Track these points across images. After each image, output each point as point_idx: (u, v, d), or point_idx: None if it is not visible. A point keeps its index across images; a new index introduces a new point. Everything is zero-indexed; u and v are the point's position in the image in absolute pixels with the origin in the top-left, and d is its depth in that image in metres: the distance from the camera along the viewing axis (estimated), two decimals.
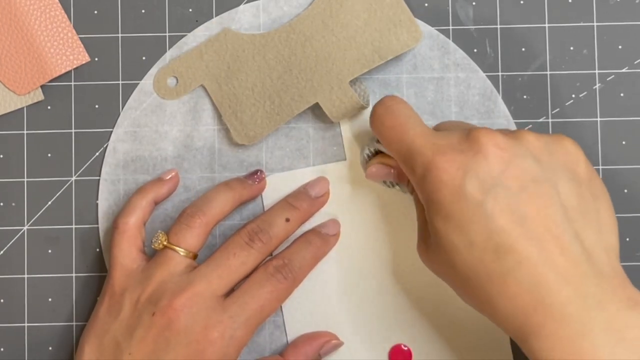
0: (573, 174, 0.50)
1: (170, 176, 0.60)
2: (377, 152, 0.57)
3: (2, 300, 0.61)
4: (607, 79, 0.61)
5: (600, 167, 0.61)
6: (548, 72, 0.61)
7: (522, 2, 0.61)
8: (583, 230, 0.49)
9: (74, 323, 0.61)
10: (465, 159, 0.49)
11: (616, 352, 0.46)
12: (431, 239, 0.51)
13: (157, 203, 0.60)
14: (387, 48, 0.59)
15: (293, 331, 0.60)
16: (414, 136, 0.52)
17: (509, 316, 0.48)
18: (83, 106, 0.62)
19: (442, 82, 0.61)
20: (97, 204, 0.62)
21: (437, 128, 0.55)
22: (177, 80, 0.61)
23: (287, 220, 0.58)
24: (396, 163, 0.55)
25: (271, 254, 0.59)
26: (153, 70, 0.61)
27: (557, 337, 0.46)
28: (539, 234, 0.48)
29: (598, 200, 0.51)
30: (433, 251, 0.51)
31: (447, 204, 0.49)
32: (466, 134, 0.50)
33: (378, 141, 0.56)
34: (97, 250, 0.61)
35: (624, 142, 0.61)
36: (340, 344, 0.60)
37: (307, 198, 0.60)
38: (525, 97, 0.61)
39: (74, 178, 0.62)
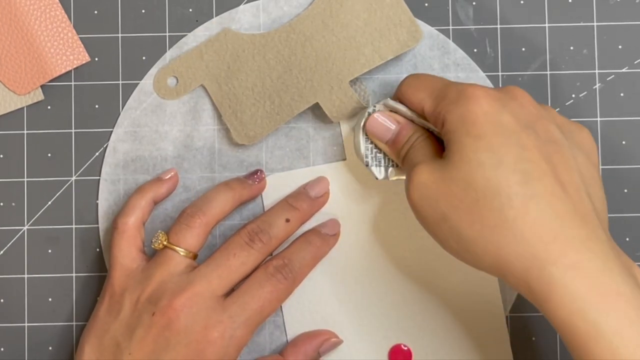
0: (587, 155, 0.52)
1: (169, 176, 0.60)
2: None
3: (2, 300, 0.61)
4: (607, 79, 0.61)
5: (600, 167, 0.61)
6: (548, 72, 0.61)
7: (522, 2, 0.61)
8: (593, 195, 0.50)
9: (74, 323, 0.61)
10: (502, 97, 0.51)
11: (636, 291, 0.46)
12: (444, 162, 0.50)
13: (156, 203, 0.60)
14: (387, 48, 0.59)
15: (293, 331, 0.60)
16: (446, 79, 0.54)
17: (523, 243, 0.47)
18: (83, 106, 0.62)
19: None
20: (97, 204, 0.62)
21: None
22: (177, 80, 0.61)
23: (287, 220, 0.58)
24: (403, 120, 0.56)
25: (271, 254, 0.59)
26: (153, 70, 0.61)
27: (580, 268, 0.46)
28: (563, 179, 0.49)
29: (602, 185, 0.52)
30: (442, 172, 0.50)
31: (481, 124, 0.49)
32: (503, 87, 0.52)
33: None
34: (97, 250, 0.61)
35: (624, 142, 0.61)
36: (339, 342, 0.60)
37: (307, 199, 0.60)
38: None
39: (74, 178, 0.62)
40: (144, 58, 0.62)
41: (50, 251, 0.61)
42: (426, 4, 0.62)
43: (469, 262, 0.50)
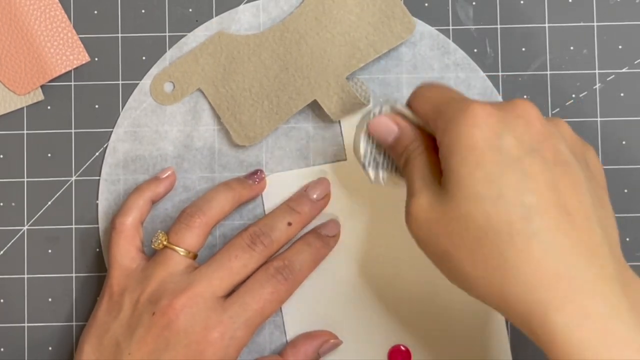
0: (596, 178, 0.49)
1: (166, 175, 0.60)
2: None
3: (2, 300, 0.61)
4: (607, 79, 0.61)
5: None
6: (548, 72, 0.61)
7: (522, 2, 0.61)
8: (605, 220, 0.47)
9: (74, 323, 0.61)
10: (506, 116, 0.46)
11: None
12: (442, 194, 0.47)
13: (154, 202, 0.60)
14: (381, 41, 0.59)
15: (292, 331, 0.60)
16: (457, 93, 0.50)
17: (525, 286, 0.44)
18: (83, 106, 0.62)
19: (442, 82, 0.61)
20: (97, 204, 0.62)
21: None
22: (174, 85, 0.61)
23: (289, 224, 0.58)
24: (404, 124, 0.52)
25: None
26: (153, 70, 0.61)
27: (586, 315, 0.43)
28: (571, 207, 0.45)
29: (611, 208, 0.49)
30: (441, 206, 0.47)
31: (479, 151, 0.45)
32: (508, 100, 0.48)
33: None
34: (97, 250, 0.61)
35: (624, 142, 0.61)
36: (339, 343, 0.60)
37: (308, 202, 0.59)
38: (525, 97, 0.61)
39: (74, 178, 0.62)
40: (144, 58, 0.62)
41: (50, 251, 0.61)
42: (426, 4, 0.62)
43: (473, 297, 0.47)
